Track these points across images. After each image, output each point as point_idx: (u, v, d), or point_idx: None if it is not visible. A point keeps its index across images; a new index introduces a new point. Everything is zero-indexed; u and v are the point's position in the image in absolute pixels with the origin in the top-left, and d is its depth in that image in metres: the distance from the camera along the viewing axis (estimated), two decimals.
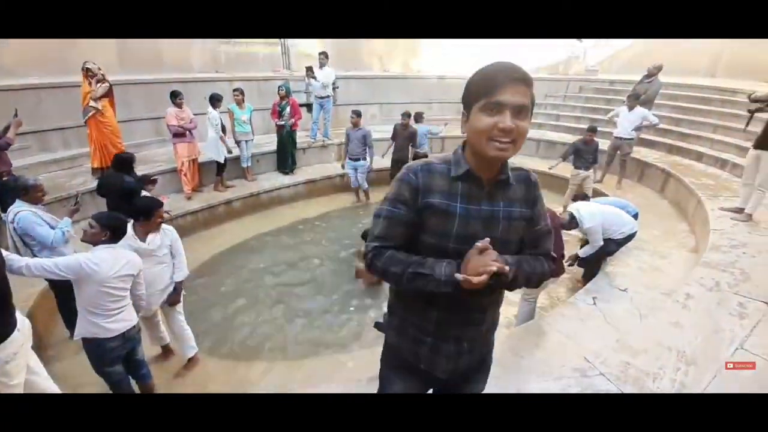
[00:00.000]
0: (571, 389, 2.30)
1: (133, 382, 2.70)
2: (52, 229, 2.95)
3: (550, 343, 2.88)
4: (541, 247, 1.22)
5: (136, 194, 3.90)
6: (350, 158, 6.52)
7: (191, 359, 3.21)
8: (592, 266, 4.05)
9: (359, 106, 9.29)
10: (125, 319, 2.42)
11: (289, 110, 6.62)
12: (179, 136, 5.59)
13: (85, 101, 4.99)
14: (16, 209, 2.87)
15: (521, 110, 0.97)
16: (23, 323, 2.12)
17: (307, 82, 7.75)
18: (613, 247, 3.93)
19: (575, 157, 5.83)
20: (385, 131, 7.34)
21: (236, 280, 4.69)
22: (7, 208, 2.98)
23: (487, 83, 0.99)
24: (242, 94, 6.19)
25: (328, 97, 7.58)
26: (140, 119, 6.85)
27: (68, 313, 3.15)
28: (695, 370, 2.37)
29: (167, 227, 2.91)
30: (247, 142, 6.45)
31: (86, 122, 5.10)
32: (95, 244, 2.31)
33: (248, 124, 6.30)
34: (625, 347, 2.62)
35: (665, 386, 2.27)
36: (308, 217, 6.46)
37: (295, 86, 7.41)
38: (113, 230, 2.34)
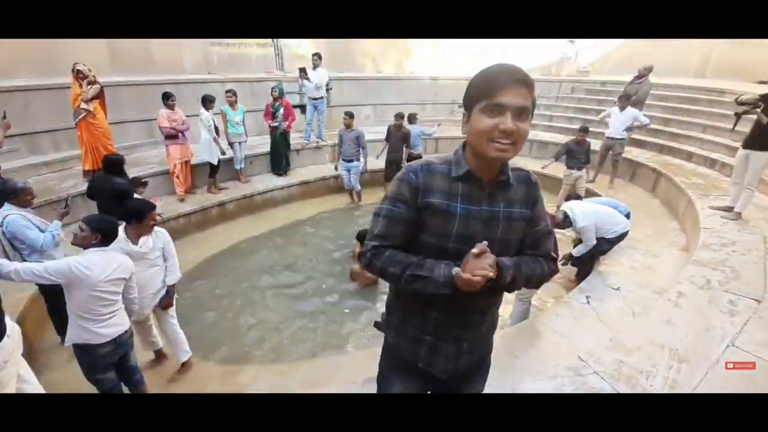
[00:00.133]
0: (565, 388, 2.32)
1: (125, 389, 2.65)
2: (41, 232, 2.92)
3: (544, 342, 2.89)
4: (541, 247, 1.22)
5: (127, 195, 3.87)
6: (344, 159, 6.51)
7: (185, 363, 3.18)
8: (585, 265, 4.08)
9: (353, 107, 9.28)
10: (117, 323, 2.39)
11: (282, 111, 6.60)
12: (171, 137, 5.54)
13: (75, 103, 4.93)
14: (4, 213, 2.83)
15: (522, 112, 0.98)
16: (13, 329, 2.07)
17: (300, 83, 7.73)
18: (605, 246, 3.96)
19: (567, 157, 5.87)
20: (378, 132, 7.34)
21: (230, 282, 4.66)
22: None
23: (488, 85, 0.99)
24: (235, 95, 6.16)
25: (321, 98, 7.56)
26: (132, 121, 6.78)
27: (59, 318, 3.10)
28: (687, 367, 2.40)
29: (159, 230, 2.89)
30: (240, 143, 6.41)
31: (77, 124, 5.04)
32: (86, 247, 2.28)
33: (241, 125, 6.26)
34: (618, 346, 2.64)
35: (658, 384, 2.29)
36: (302, 218, 6.44)
37: (288, 87, 7.38)
38: (104, 233, 2.31)
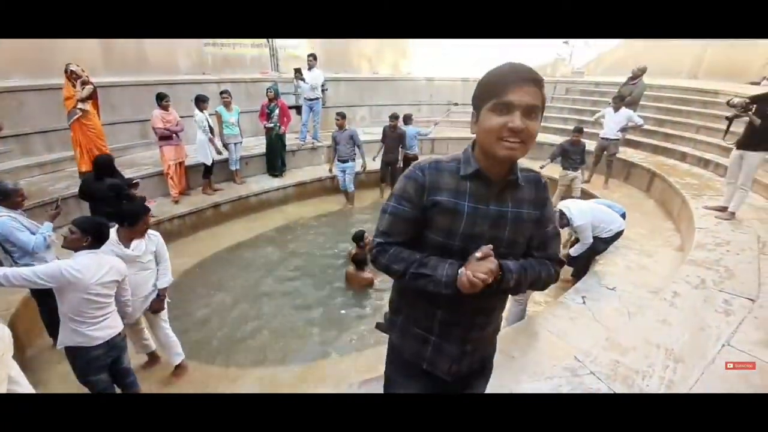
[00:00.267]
0: (562, 389, 2.31)
1: (119, 391, 2.62)
2: (32, 234, 2.88)
3: (540, 342, 2.89)
4: (548, 250, 1.21)
5: (122, 193, 3.85)
6: (339, 160, 6.50)
7: (179, 366, 3.15)
8: (582, 265, 4.09)
9: (348, 108, 9.30)
10: (110, 326, 2.36)
11: (277, 112, 6.58)
12: (165, 138, 5.50)
13: (69, 104, 4.87)
14: None
15: (531, 110, 0.97)
16: (3, 332, 2.06)
17: (295, 84, 7.70)
18: (601, 246, 3.98)
19: (563, 158, 5.88)
20: (374, 133, 7.34)
21: (224, 284, 4.63)
22: None
23: (497, 83, 0.99)
24: (230, 96, 6.13)
25: (317, 99, 7.54)
26: (126, 122, 6.73)
27: (51, 320, 3.06)
28: (683, 367, 2.40)
29: (153, 232, 2.86)
30: (236, 144, 6.38)
31: (70, 126, 4.99)
32: (77, 249, 2.24)
33: (236, 126, 6.23)
34: (614, 345, 2.64)
35: (654, 384, 2.29)
36: (298, 219, 6.42)
37: (283, 88, 7.35)
38: (94, 235, 2.27)
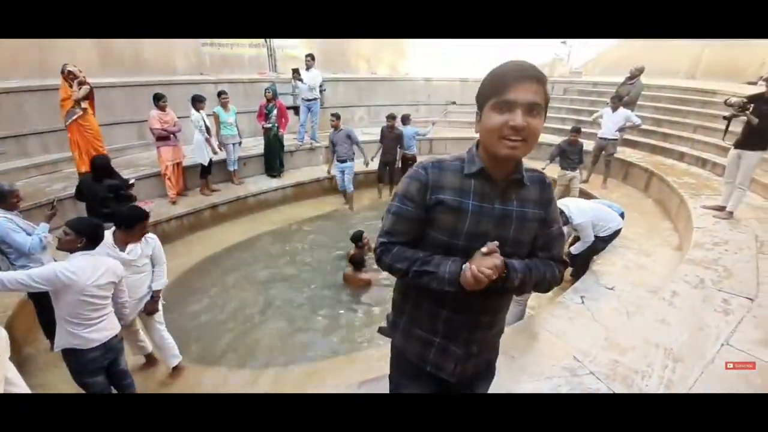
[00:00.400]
0: (561, 389, 2.31)
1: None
2: (28, 235, 2.86)
3: (540, 343, 2.89)
4: (552, 250, 1.20)
5: (120, 194, 3.85)
6: (338, 160, 6.50)
7: (176, 368, 3.13)
8: (581, 264, 4.08)
9: (347, 108, 9.30)
10: (107, 328, 2.34)
11: (276, 113, 6.56)
12: (163, 139, 5.48)
13: (66, 105, 4.85)
14: None
15: (533, 108, 0.97)
16: (0, 334, 2.05)
17: (293, 84, 7.69)
18: (600, 244, 3.97)
19: (561, 158, 5.90)
20: (373, 134, 7.34)
21: (223, 285, 4.61)
22: None
23: (498, 82, 0.98)
24: (228, 96, 6.11)
25: (315, 99, 7.52)
26: (123, 122, 6.70)
27: (48, 323, 3.03)
28: (682, 367, 2.40)
29: (150, 235, 2.84)
30: (234, 144, 6.36)
31: (67, 127, 4.96)
32: (72, 251, 2.22)
33: (234, 126, 6.21)
34: (613, 345, 2.64)
35: (653, 383, 2.29)
36: (296, 220, 6.40)
37: (281, 89, 7.34)
38: (88, 236, 2.25)
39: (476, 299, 1.10)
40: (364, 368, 3.16)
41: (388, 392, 1.42)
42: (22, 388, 2.21)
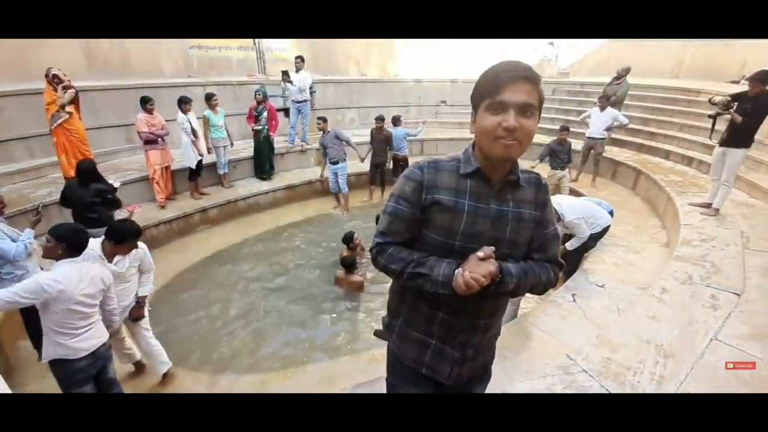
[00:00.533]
0: (555, 387, 2.32)
1: None
2: (13, 242, 2.80)
3: (533, 342, 2.90)
4: (548, 252, 1.21)
5: (107, 198, 3.79)
6: (331, 162, 6.47)
7: (166, 375, 3.08)
8: (574, 261, 4.10)
9: (337, 110, 9.28)
10: (94, 336, 2.30)
11: (266, 115, 6.52)
12: (151, 143, 5.40)
13: (51, 109, 4.75)
14: None
15: (526, 109, 0.97)
16: None
17: (283, 86, 7.65)
18: (590, 242, 4.00)
19: (550, 158, 5.95)
20: (363, 135, 7.33)
21: (213, 290, 4.56)
22: None
23: (491, 83, 0.99)
24: (217, 99, 6.05)
25: (305, 101, 7.49)
26: (110, 126, 6.59)
27: (35, 331, 2.96)
28: (673, 362, 2.43)
29: (138, 244, 2.79)
30: (224, 147, 6.31)
31: (52, 131, 4.86)
32: (56, 259, 2.18)
33: (223, 128, 6.16)
34: (605, 342, 2.66)
35: (645, 380, 2.31)
36: (287, 223, 6.36)
37: (271, 91, 7.29)
38: (69, 242, 2.19)
39: (471, 302, 1.10)
40: (357, 370, 3.15)
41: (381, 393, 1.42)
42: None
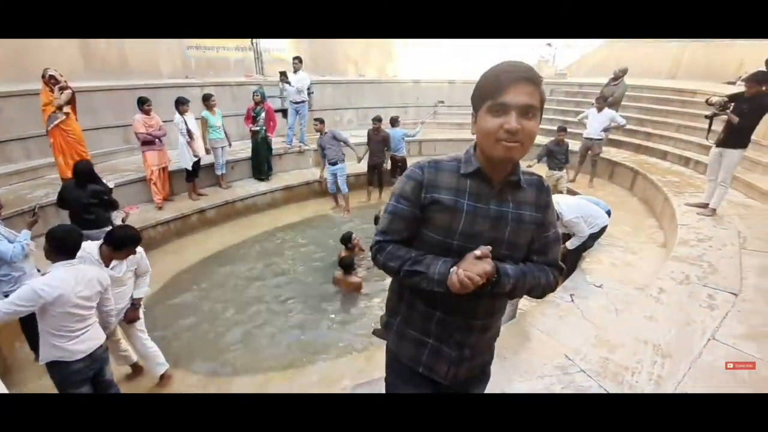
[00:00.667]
0: (553, 387, 2.32)
1: None
2: (10, 243, 2.79)
3: (531, 342, 2.90)
4: (549, 254, 1.20)
5: (103, 199, 3.78)
6: (329, 163, 6.47)
7: (163, 376, 3.07)
8: (572, 261, 4.11)
9: (335, 111, 9.27)
10: (91, 338, 2.29)
11: (263, 116, 6.52)
12: (148, 144, 5.39)
13: (47, 110, 4.73)
14: None
15: (528, 110, 0.96)
16: None
17: (281, 87, 7.64)
18: (589, 242, 4.02)
19: (548, 158, 5.97)
20: (360, 136, 7.33)
21: (211, 290, 4.55)
22: None
23: (492, 84, 0.98)
24: (214, 99, 6.04)
25: (303, 102, 7.48)
26: (107, 127, 6.57)
27: (33, 333, 2.94)
28: (671, 362, 2.43)
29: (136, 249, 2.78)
30: (222, 148, 6.30)
31: (49, 132, 4.85)
32: (52, 260, 2.18)
33: (221, 129, 6.15)
34: (603, 342, 2.66)
35: (643, 380, 2.32)
36: (285, 224, 6.35)
37: (268, 91, 7.28)
38: (58, 243, 2.18)
39: (465, 302, 1.10)
40: (356, 371, 3.14)
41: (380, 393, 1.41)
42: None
